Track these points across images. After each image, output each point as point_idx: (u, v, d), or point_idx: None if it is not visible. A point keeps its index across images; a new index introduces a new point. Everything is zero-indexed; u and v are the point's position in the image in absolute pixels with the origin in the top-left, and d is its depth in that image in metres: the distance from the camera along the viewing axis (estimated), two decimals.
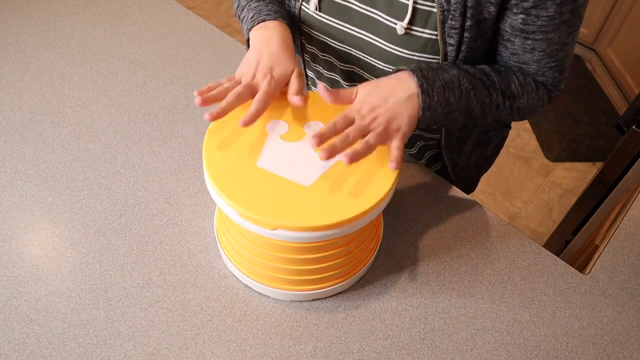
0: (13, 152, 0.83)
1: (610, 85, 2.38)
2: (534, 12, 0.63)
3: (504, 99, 0.70)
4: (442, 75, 0.64)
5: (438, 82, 0.63)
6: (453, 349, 0.66)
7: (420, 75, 0.63)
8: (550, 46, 0.67)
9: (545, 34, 0.65)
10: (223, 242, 0.70)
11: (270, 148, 0.63)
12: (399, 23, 0.68)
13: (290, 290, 0.67)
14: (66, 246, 0.72)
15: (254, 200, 0.57)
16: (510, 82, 0.70)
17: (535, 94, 0.72)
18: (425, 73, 0.63)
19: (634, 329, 0.69)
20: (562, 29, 0.65)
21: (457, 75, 0.65)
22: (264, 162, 0.61)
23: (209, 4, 2.74)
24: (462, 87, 0.65)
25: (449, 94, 0.64)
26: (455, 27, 0.65)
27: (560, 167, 2.11)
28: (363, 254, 0.69)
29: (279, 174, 0.60)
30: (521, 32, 0.66)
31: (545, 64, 0.69)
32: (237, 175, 0.60)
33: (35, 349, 0.63)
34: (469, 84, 0.66)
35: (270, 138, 0.64)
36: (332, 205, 0.58)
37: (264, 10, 0.72)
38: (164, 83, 0.96)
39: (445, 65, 0.66)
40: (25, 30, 1.04)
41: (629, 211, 0.82)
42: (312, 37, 0.79)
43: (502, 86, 0.69)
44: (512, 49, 0.69)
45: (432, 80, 0.63)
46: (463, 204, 0.81)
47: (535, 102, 0.73)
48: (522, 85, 0.71)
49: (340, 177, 0.60)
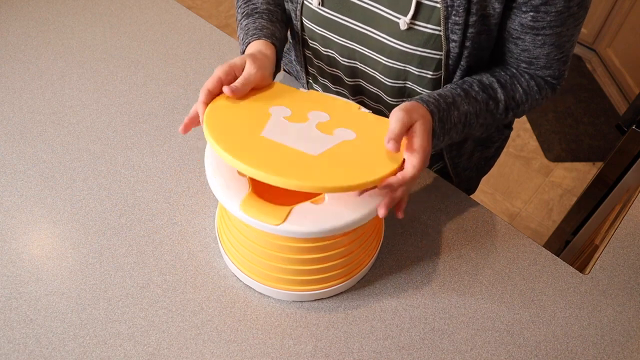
0: (13, 152, 0.83)
1: (610, 85, 2.38)
2: (543, 9, 0.64)
3: (507, 111, 0.73)
4: (453, 114, 0.67)
5: (447, 125, 0.67)
6: (453, 349, 0.66)
7: (437, 119, 0.65)
8: (559, 39, 0.68)
9: (554, 28, 0.66)
10: (224, 242, 0.70)
11: (275, 124, 0.61)
12: (402, 18, 0.68)
13: (291, 290, 0.67)
14: (66, 246, 0.72)
15: (261, 161, 0.54)
16: (515, 93, 0.73)
17: (538, 96, 0.75)
18: (441, 114, 0.65)
19: (634, 329, 0.69)
20: (569, 22, 0.66)
21: (466, 113, 0.68)
22: (269, 134, 0.59)
23: (209, 4, 2.74)
24: (468, 121, 0.69)
25: (453, 132, 0.68)
26: (459, 22, 0.65)
27: (560, 167, 2.11)
28: (364, 254, 0.69)
29: (284, 144, 0.58)
30: (531, 29, 0.67)
31: (554, 56, 0.71)
32: (241, 140, 0.57)
33: (35, 349, 0.63)
34: (473, 117, 0.70)
35: (273, 118, 0.63)
36: (342, 170, 0.56)
37: (250, 30, 0.74)
38: (164, 83, 0.96)
39: (458, 98, 0.68)
40: (25, 30, 1.04)
41: (629, 211, 0.82)
42: (315, 33, 0.79)
43: (506, 102, 0.72)
44: (523, 45, 0.70)
45: (443, 122, 0.66)
46: (463, 204, 0.81)
47: (538, 102, 0.76)
48: (526, 93, 0.74)
49: (346, 151, 0.59)
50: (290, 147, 0.58)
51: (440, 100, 0.66)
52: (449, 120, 0.66)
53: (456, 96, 0.68)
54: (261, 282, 0.67)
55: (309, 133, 0.61)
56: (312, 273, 0.65)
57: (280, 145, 0.58)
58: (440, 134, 0.66)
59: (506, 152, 2.13)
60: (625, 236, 0.78)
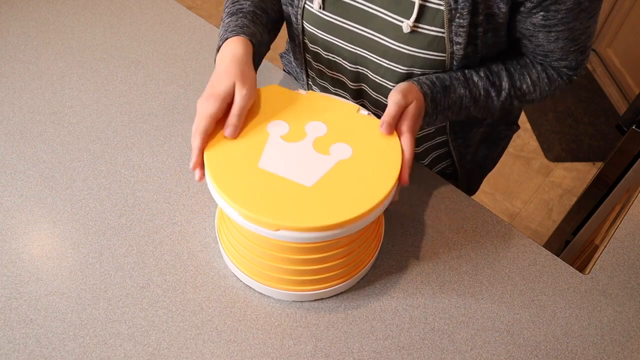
0: (13, 152, 0.83)
1: (610, 85, 2.38)
2: (553, 8, 0.64)
3: (511, 99, 0.74)
4: (449, 96, 0.69)
5: (440, 106, 0.69)
6: (453, 349, 0.66)
7: (430, 100, 0.67)
8: (572, 33, 0.69)
9: (566, 24, 0.67)
10: (224, 242, 0.70)
11: (272, 149, 0.63)
12: (405, 21, 0.68)
13: (291, 290, 0.67)
14: (66, 246, 0.72)
15: (256, 201, 0.57)
16: (522, 83, 0.74)
17: (548, 88, 0.76)
18: (434, 96, 0.68)
19: (634, 329, 0.69)
20: (582, 16, 0.66)
21: (462, 96, 0.70)
22: (265, 163, 0.61)
23: (209, 4, 2.74)
24: (463, 104, 0.71)
25: (448, 112, 0.70)
26: (464, 25, 0.65)
27: (560, 167, 2.11)
28: (365, 254, 0.69)
29: (280, 175, 0.60)
30: (543, 27, 0.67)
31: (569, 49, 0.71)
32: (238, 176, 0.59)
33: (35, 349, 0.63)
34: (470, 101, 0.71)
35: (271, 139, 0.64)
36: (334, 205, 0.58)
37: (230, 27, 0.71)
38: (164, 83, 0.96)
39: (455, 82, 0.69)
40: (25, 30, 1.04)
41: (629, 211, 0.82)
42: (316, 36, 0.78)
43: (510, 90, 0.73)
44: (536, 42, 0.71)
45: (435, 103, 0.68)
46: (463, 204, 0.81)
47: (550, 92, 0.77)
48: (534, 84, 0.74)
49: (342, 178, 0.60)
50: (286, 178, 0.60)
51: (437, 82, 0.69)
52: (442, 102, 0.69)
53: (454, 79, 0.70)
54: (261, 282, 0.67)
55: (305, 155, 0.62)
56: (313, 273, 0.65)
57: (276, 178, 0.60)
58: (432, 114, 0.69)
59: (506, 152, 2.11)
60: (625, 236, 0.78)
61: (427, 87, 0.68)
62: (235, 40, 0.68)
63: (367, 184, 0.60)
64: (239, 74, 0.64)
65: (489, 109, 0.74)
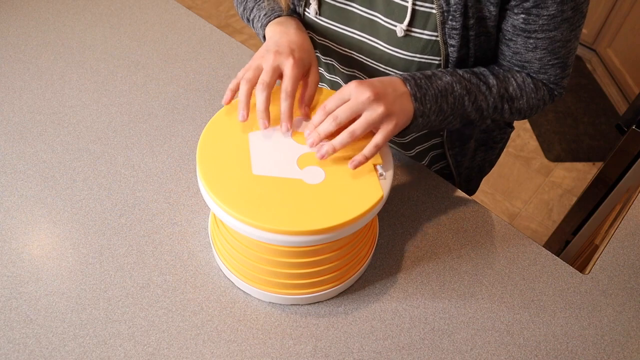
0: (13, 152, 0.83)
1: (610, 85, 2.38)
2: (534, 12, 0.63)
3: (502, 101, 0.70)
4: (436, 82, 0.65)
5: (431, 90, 0.64)
6: (453, 349, 0.66)
7: (414, 84, 0.63)
8: (552, 44, 0.67)
9: (547, 32, 0.65)
10: (218, 247, 0.70)
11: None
12: (399, 25, 0.68)
13: (284, 294, 0.66)
14: (66, 246, 0.72)
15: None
16: (508, 85, 0.70)
17: (534, 95, 0.72)
18: (419, 81, 0.64)
19: (634, 329, 0.69)
20: (564, 26, 0.65)
21: (451, 82, 0.66)
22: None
23: (209, 4, 2.74)
24: (455, 94, 0.66)
25: (442, 102, 0.65)
26: (456, 27, 0.65)
27: (560, 167, 2.11)
28: (357, 258, 0.68)
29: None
30: (523, 31, 0.66)
31: (548, 61, 0.69)
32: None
33: (35, 349, 0.63)
34: (463, 90, 0.66)
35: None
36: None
37: (276, 8, 0.73)
38: (164, 83, 0.96)
39: (439, 72, 0.66)
40: (25, 30, 1.04)
41: (629, 211, 0.82)
42: (315, 42, 0.79)
43: (499, 89, 0.69)
44: (515, 48, 0.69)
45: (425, 89, 0.63)
46: (463, 204, 0.81)
47: (536, 102, 0.73)
48: (520, 87, 0.71)
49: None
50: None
51: (417, 74, 0.65)
52: (428, 87, 0.64)
53: (438, 72, 0.67)
54: (255, 287, 0.67)
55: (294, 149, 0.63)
56: (304, 277, 0.65)
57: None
58: (421, 98, 0.63)
59: (506, 152, 2.13)
60: (625, 236, 0.78)
61: (404, 75, 0.65)
62: (294, 20, 0.72)
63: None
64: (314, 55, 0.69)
65: (483, 106, 0.70)
